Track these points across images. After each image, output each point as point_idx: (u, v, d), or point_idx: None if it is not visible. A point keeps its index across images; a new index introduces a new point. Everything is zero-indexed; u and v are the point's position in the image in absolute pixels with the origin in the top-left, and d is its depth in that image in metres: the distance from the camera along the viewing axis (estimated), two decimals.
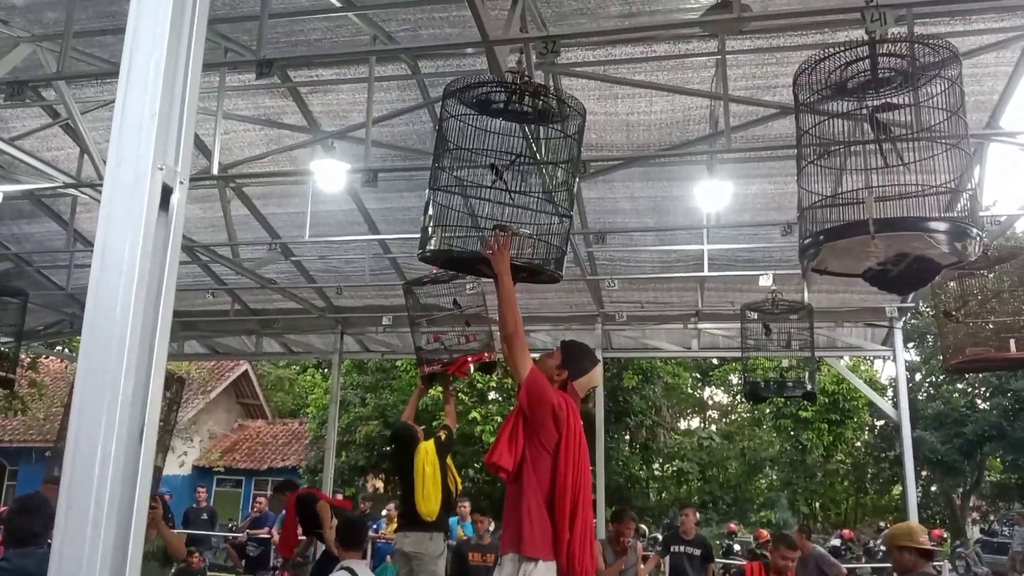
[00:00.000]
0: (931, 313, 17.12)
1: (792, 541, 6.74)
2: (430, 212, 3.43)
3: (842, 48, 3.45)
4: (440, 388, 11.59)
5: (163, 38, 1.44)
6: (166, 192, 1.47)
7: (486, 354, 6.40)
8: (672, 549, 7.83)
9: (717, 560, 16.46)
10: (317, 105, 6.94)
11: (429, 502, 6.17)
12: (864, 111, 3.51)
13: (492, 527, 13.98)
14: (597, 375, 3.52)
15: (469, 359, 6.37)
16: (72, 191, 7.40)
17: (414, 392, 7.24)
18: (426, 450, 6.29)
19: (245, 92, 6.88)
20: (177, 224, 1.50)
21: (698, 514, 20.51)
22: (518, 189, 3.35)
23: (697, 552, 7.64)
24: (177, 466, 22.12)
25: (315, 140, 6.82)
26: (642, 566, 7.21)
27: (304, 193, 7.56)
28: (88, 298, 1.40)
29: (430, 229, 3.40)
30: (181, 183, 1.50)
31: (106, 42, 5.84)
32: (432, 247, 3.39)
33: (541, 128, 3.59)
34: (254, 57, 4.79)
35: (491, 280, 3.36)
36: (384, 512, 14.11)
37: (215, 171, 6.13)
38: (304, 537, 7.76)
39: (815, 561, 7.88)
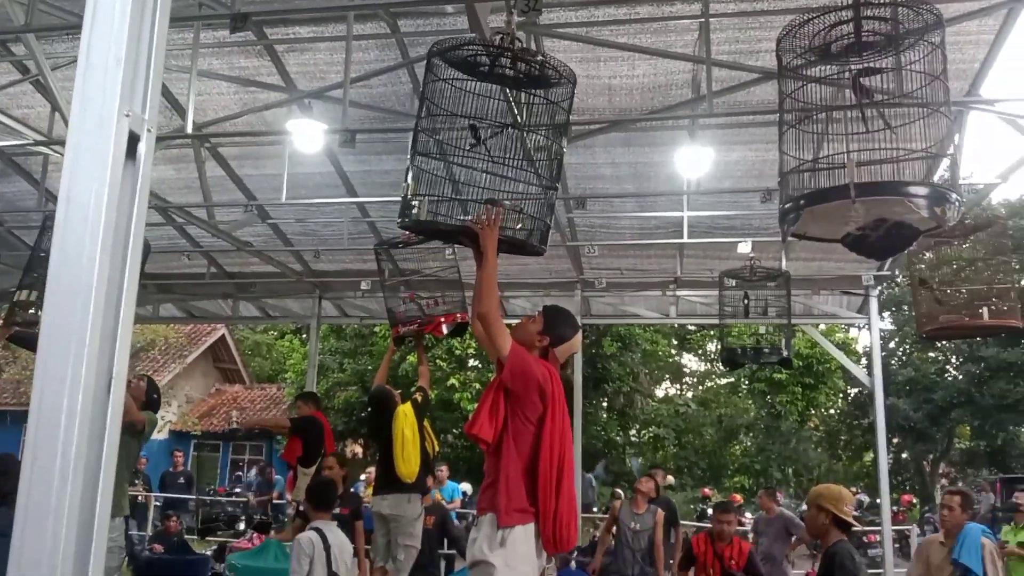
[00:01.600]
0: (907, 283, 17.33)
1: (727, 505, 6.96)
2: (411, 178, 3.34)
3: (826, 10, 3.42)
4: (415, 353, 11.51)
5: None
6: (133, 140, 1.42)
7: (459, 315, 6.40)
8: None
9: (691, 523, 16.78)
10: (294, 65, 6.81)
11: (409, 464, 6.21)
12: (847, 75, 3.49)
13: (471, 491, 14.11)
14: (577, 342, 3.50)
15: (442, 319, 6.37)
16: (43, 149, 7.24)
17: (385, 354, 7.27)
18: (404, 413, 6.31)
19: (220, 51, 6.73)
20: (145, 173, 1.45)
21: (670, 478, 20.84)
22: (502, 156, 3.28)
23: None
24: (155, 431, 22.04)
25: (291, 100, 6.71)
26: (660, 535, 7.25)
27: (281, 154, 7.44)
28: (53, 248, 1.36)
29: (412, 197, 3.31)
30: (149, 131, 1.45)
31: None
32: (417, 216, 3.30)
33: (528, 93, 3.48)
34: (228, 11, 4.67)
35: (467, 248, 3.32)
36: (363, 476, 14.16)
37: (189, 130, 6.00)
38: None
39: (783, 522, 8.05)
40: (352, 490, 12.42)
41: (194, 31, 6.06)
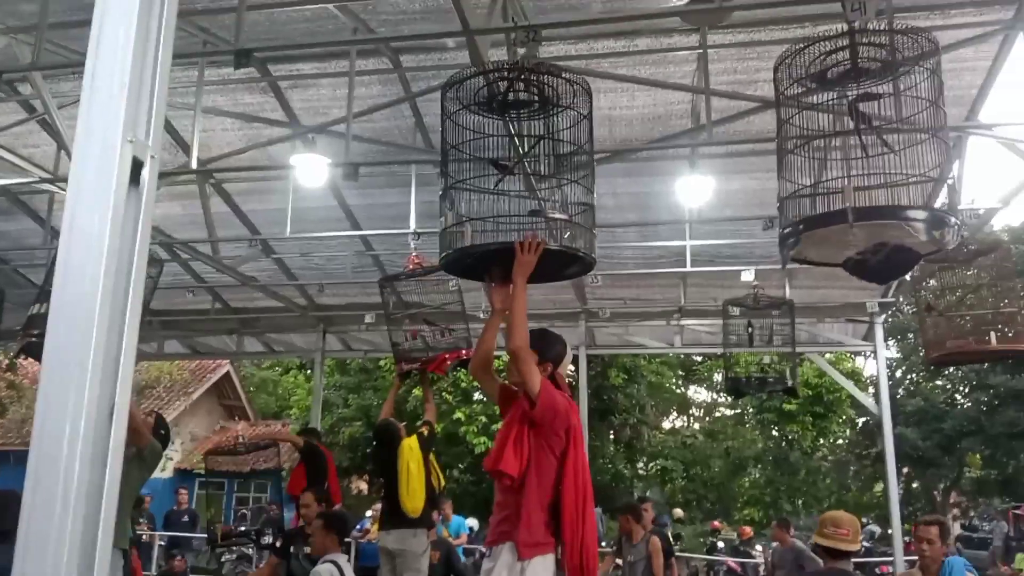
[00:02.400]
0: (912, 311, 17.27)
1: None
2: (448, 212, 3.32)
3: (823, 38, 3.46)
4: (420, 386, 11.43)
5: (134, 6, 1.41)
6: (136, 166, 1.43)
7: (463, 351, 6.37)
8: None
9: (701, 556, 16.56)
10: (297, 101, 6.89)
11: (414, 499, 6.15)
12: (844, 101, 3.52)
13: (477, 526, 13.99)
14: (569, 351, 3.52)
15: (447, 356, 6.34)
16: (48, 187, 7.30)
17: (391, 389, 7.21)
18: (410, 447, 6.26)
19: (224, 88, 6.82)
20: (148, 199, 1.46)
21: (678, 511, 20.61)
22: (542, 173, 3.30)
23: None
24: (159, 470, 21.90)
25: (295, 135, 6.77)
26: (658, 561, 7.20)
27: (285, 189, 7.51)
28: (56, 273, 1.37)
29: (452, 226, 3.26)
30: (152, 157, 1.47)
31: (82, 35, 5.75)
32: (461, 243, 3.23)
33: (547, 115, 3.50)
34: (232, 48, 4.74)
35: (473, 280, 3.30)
36: (368, 513, 14.05)
37: (194, 165, 6.05)
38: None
39: (794, 555, 7.95)
40: (359, 526, 12.31)
41: (198, 68, 6.15)
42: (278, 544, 6.52)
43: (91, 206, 1.38)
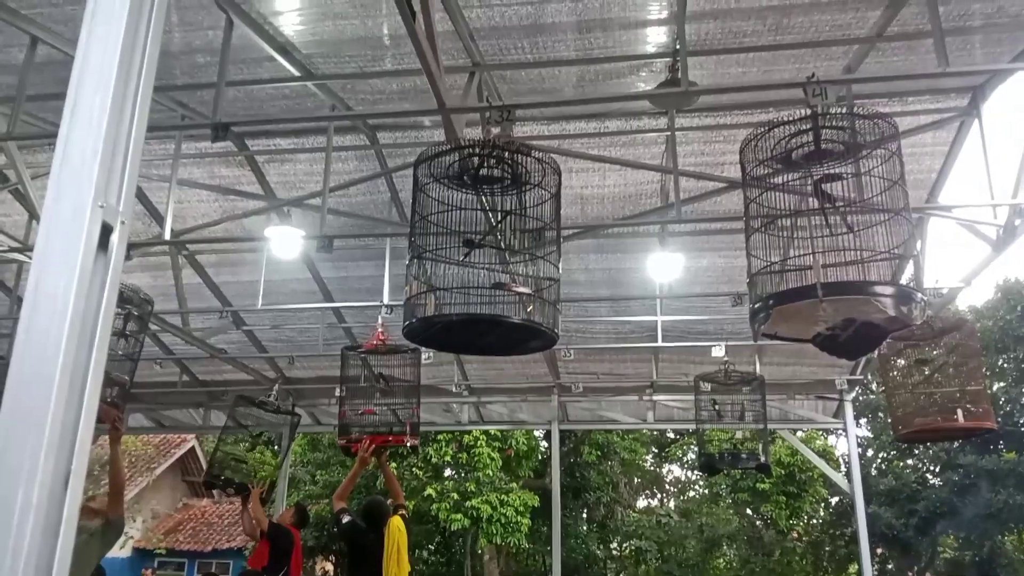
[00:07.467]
0: (881, 389, 17.38)
1: None
2: (412, 281, 3.33)
3: (786, 121, 3.58)
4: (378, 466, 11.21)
5: (111, 72, 1.43)
6: (106, 231, 1.43)
7: (408, 439, 6.31)
8: None
9: None
10: (274, 175, 6.95)
11: None
12: (809, 182, 3.62)
13: None
14: None
15: (390, 438, 6.31)
16: (17, 256, 7.23)
17: (353, 468, 6.77)
18: (398, 527, 6.10)
19: (201, 161, 6.86)
20: (116, 265, 1.46)
21: None
22: (510, 246, 3.34)
23: None
24: (117, 548, 21.14)
25: (271, 207, 6.80)
26: None
27: (258, 261, 7.50)
28: (17, 334, 1.35)
29: (415, 294, 3.27)
30: (122, 223, 1.47)
31: (59, 106, 5.78)
32: (424, 313, 3.23)
33: (516, 192, 3.56)
34: (210, 122, 4.79)
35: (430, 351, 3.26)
36: None
37: (167, 236, 6.04)
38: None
39: None
40: None
41: (176, 141, 6.19)
42: None
43: (58, 269, 1.37)
